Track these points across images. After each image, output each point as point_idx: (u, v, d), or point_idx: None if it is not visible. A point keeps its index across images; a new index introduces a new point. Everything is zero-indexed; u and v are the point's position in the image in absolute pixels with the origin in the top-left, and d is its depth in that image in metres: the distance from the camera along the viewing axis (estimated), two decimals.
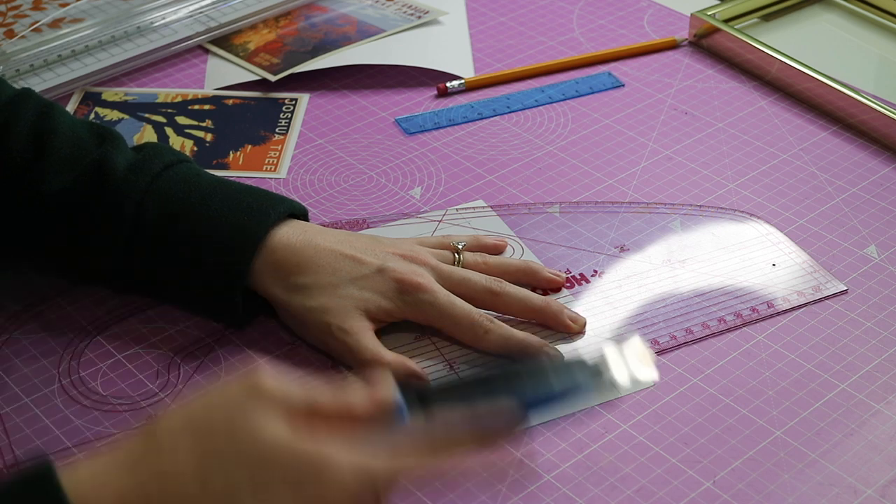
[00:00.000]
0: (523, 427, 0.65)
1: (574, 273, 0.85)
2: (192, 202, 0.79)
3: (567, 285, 0.84)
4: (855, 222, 0.90)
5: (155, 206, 0.79)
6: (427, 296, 0.78)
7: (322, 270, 0.78)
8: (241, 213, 0.79)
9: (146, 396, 0.76)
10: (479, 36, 1.13)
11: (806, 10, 1.17)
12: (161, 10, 1.11)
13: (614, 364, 0.65)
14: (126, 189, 0.78)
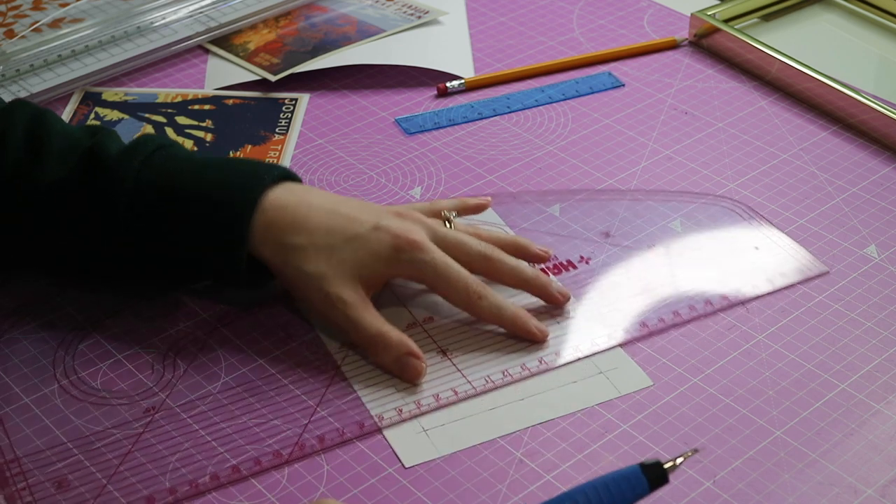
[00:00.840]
0: None
1: (561, 259, 0.86)
2: (187, 173, 0.79)
3: (554, 272, 0.84)
4: (855, 222, 0.90)
5: (150, 180, 0.78)
6: (424, 255, 0.78)
7: (317, 230, 0.78)
8: (237, 177, 0.79)
9: (146, 396, 0.76)
10: (479, 36, 1.13)
11: (806, 10, 1.17)
12: (161, 10, 1.12)
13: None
14: (121, 168, 0.78)
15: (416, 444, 0.73)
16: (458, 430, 0.74)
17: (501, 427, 0.74)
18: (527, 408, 0.75)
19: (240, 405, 0.75)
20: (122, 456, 0.72)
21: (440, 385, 0.76)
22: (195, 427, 0.74)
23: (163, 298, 0.83)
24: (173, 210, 0.78)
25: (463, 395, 0.76)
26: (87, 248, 0.80)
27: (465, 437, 0.73)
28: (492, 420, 0.74)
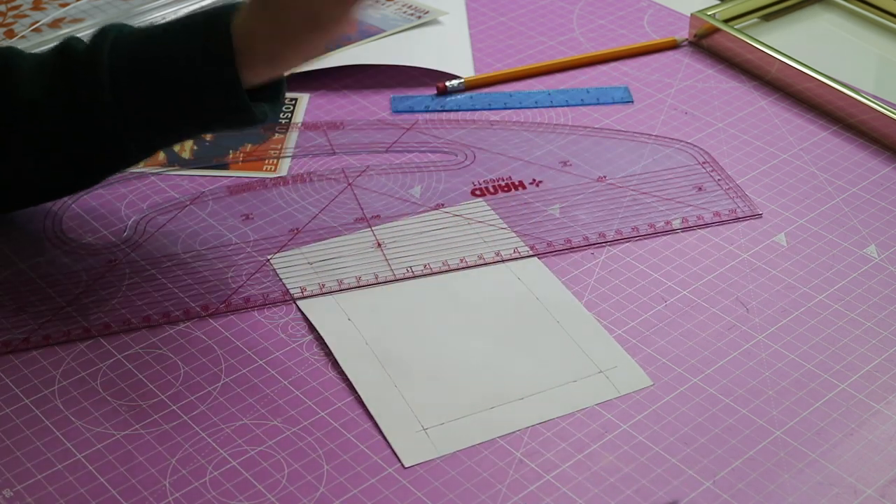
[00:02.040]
0: None
1: (514, 180, 0.93)
2: (155, 36, 0.81)
3: (505, 189, 0.92)
4: (855, 222, 0.90)
5: (123, 53, 0.80)
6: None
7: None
8: (199, 20, 0.80)
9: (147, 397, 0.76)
10: (479, 36, 1.13)
11: (806, 10, 1.17)
12: (161, 10, 1.12)
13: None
14: (92, 52, 0.80)
15: (416, 443, 0.73)
16: (457, 429, 0.74)
17: (501, 426, 0.74)
18: (526, 407, 0.75)
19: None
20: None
21: (364, 270, 0.85)
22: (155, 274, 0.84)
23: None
24: (156, 69, 0.79)
25: (382, 279, 0.84)
26: (83, 130, 0.81)
27: (465, 436, 0.73)
28: (492, 419, 0.74)
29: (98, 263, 0.86)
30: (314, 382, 0.77)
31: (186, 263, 0.86)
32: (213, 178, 0.95)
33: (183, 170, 0.96)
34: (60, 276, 0.84)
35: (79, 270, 0.85)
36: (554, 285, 0.84)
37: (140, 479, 0.71)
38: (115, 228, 0.89)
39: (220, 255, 0.87)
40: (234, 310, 0.82)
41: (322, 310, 0.81)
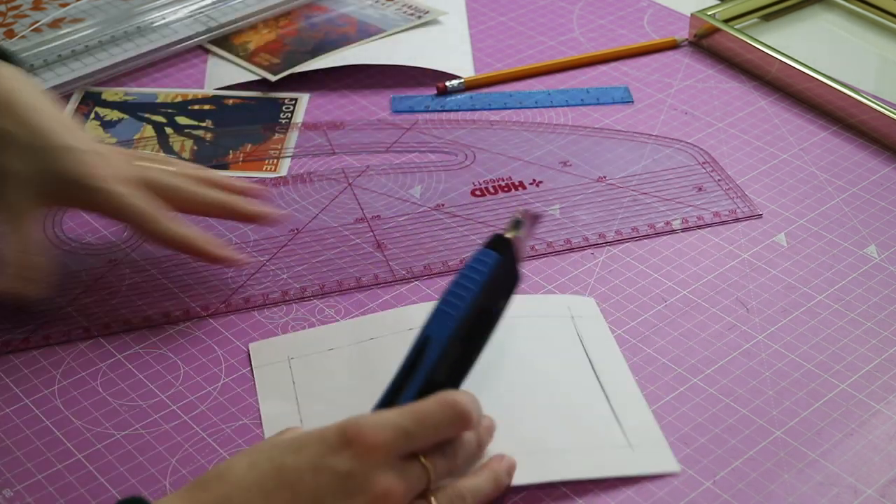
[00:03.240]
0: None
1: (514, 180, 0.93)
2: None
3: (505, 190, 0.92)
4: (855, 222, 0.90)
5: None
6: (101, 184, 0.78)
7: (27, 124, 0.78)
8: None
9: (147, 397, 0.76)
10: (479, 36, 1.13)
11: (806, 10, 1.17)
12: (161, 10, 1.11)
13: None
14: None
15: None
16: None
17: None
18: (536, 462, 0.70)
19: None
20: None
21: (365, 271, 0.85)
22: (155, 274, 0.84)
23: None
24: None
25: (382, 280, 0.84)
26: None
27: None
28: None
29: (98, 263, 0.86)
30: None
31: (186, 263, 0.86)
32: None
33: None
34: (60, 275, 0.84)
35: (79, 270, 0.85)
36: (606, 340, 0.80)
37: (140, 479, 0.71)
38: (114, 228, 0.89)
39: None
40: (234, 310, 0.82)
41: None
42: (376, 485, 0.61)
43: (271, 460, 0.62)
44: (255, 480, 0.61)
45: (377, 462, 0.61)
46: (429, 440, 0.64)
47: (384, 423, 0.62)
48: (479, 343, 0.69)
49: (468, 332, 0.68)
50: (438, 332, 0.67)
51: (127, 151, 0.84)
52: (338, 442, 0.61)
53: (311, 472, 0.61)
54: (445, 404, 0.64)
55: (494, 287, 0.69)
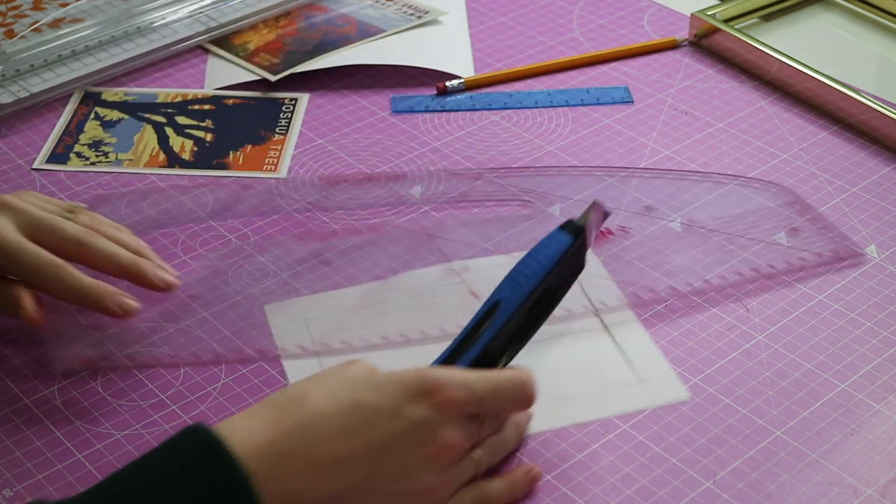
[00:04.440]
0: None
1: (601, 228, 0.87)
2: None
3: (598, 237, 0.87)
4: (855, 222, 0.90)
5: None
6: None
7: None
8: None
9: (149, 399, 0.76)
10: (479, 36, 1.13)
11: (806, 10, 1.17)
12: (161, 10, 1.11)
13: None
14: None
15: None
16: None
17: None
18: (552, 410, 0.74)
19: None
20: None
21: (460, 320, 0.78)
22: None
23: None
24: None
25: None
26: None
27: None
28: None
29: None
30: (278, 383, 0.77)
31: (187, 264, 0.86)
32: (214, 179, 0.95)
33: (183, 170, 0.96)
34: None
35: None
36: (604, 280, 0.83)
37: None
38: None
39: (220, 254, 0.86)
40: (234, 310, 0.82)
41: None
42: (444, 437, 0.65)
43: (352, 393, 0.64)
44: (336, 411, 0.63)
45: (449, 416, 0.65)
46: (494, 408, 0.69)
47: (462, 383, 0.65)
48: (538, 320, 0.72)
49: (533, 305, 0.71)
50: (509, 298, 0.70)
51: (12, 197, 0.80)
52: (417, 391, 0.64)
53: (388, 415, 0.63)
54: (518, 383, 0.68)
55: (563, 268, 0.72)
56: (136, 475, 0.60)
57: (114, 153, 0.98)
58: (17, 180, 0.95)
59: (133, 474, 0.60)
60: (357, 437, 0.63)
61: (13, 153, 0.98)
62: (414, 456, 0.64)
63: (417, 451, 0.64)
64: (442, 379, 0.65)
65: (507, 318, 0.70)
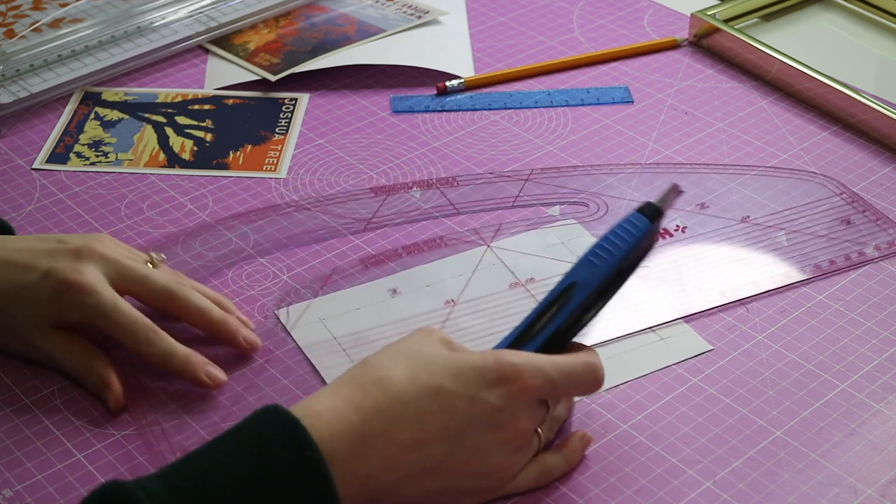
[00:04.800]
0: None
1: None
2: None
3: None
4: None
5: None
6: (88, 298, 0.74)
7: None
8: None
9: None
10: (479, 36, 1.13)
11: (806, 10, 1.17)
12: (161, 10, 1.11)
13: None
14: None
15: None
16: None
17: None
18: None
19: None
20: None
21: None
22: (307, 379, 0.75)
23: None
24: None
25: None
26: None
27: None
28: None
29: None
30: (315, 382, 0.77)
31: (186, 263, 0.86)
32: (213, 178, 0.95)
33: (183, 170, 0.96)
34: None
35: None
36: None
37: None
38: (115, 228, 0.89)
39: (219, 254, 0.86)
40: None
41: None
42: (518, 423, 0.67)
43: (431, 377, 0.65)
44: (414, 396, 0.65)
45: (525, 403, 0.67)
46: (565, 394, 0.72)
47: (539, 370, 0.67)
48: (604, 302, 0.72)
49: (605, 288, 0.71)
50: (586, 280, 0.70)
51: (101, 244, 0.78)
52: (495, 377, 0.66)
53: (466, 401, 0.65)
54: (590, 368, 0.69)
55: (637, 251, 0.72)
56: (216, 453, 0.61)
57: (114, 153, 0.98)
58: (17, 180, 0.95)
59: (213, 452, 0.62)
60: (435, 423, 0.65)
61: (13, 153, 0.98)
62: (489, 439, 0.66)
63: (492, 435, 0.66)
64: (519, 366, 0.66)
65: (582, 300, 0.70)
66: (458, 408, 0.65)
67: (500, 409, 0.66)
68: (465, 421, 0.65)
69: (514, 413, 0.66)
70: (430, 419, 0.65)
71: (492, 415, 0.66)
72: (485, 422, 0.66)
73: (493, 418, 0.66)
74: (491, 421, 0.66)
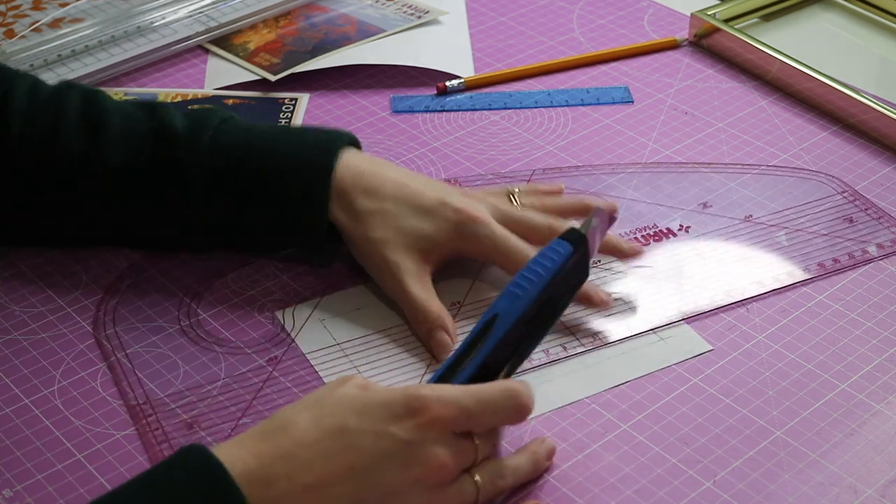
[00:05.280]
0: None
1: (661, 227, 0.88)
2: (257, 145, 0.81)
3: (655, 239, 0.87)
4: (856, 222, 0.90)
5: (222, 154, 0.80)
6: (484, 228, 0.80)
7: (387, 199, 0.80)
8: (307, 146, 0.81)
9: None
10: (479, 36, 1.13)
11: (806, 10, 1.17)
12: (161, 10, 1.11)
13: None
14: (190, 145, 0.80)
15: None
16: None
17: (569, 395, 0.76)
18: (588, 378, 0.77)
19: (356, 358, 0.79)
20: (244, 409, 0.75)
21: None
22: (312, 382, 0.77)
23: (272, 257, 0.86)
24: (250, 184, 0.80)
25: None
26: (165, 228, 0.82)
27: None
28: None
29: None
30: (315, 382, 0.77)
31: (186, 263, 0.86)
32: None
33: None
34: (58, 275, 0.84)
35: (79, 271, 0.85)
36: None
37: None
38: None
39: (218, 255, 0.86)
40: (233, 310, 0.82)
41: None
42: (433, 457, 0.64)
43: (334, 417, 0.63)
44: (317, 439, 0.63)
45: (436, 435, 0.64)
46: (486, 423, 0.67)
47: (449, 399, 0.64)
48: (540, 332, 0.72)
49: (533, 317, 0.70)
50: (507, 311, 0.69)
51: (478, 193, 0.85)
52: (402, 410, 0.64)
53: (372, 437, 0.63)
54: (508, 393, 0.67)
55: (564, 278, 0.72)
56: (136, 495, 0.61)
57: None
58: None
59: (133, 493, 0.61)
60: (341, 462, 0.62)
61: None
62: (401, 477, 0.63)
63: (405, 472, 0.63)
64: (426, 397, 0.64)
65: (505, 331, 0.69)
66: (363, 445, 0.63)
67: (408, 443, 0.63)
68: (372, 458, 0.63)
69: (426, 447, 0.63)
70: (336, 459, 0.62)
71: (401, 450, 0.63)
72: (394, 458, 0.63)
73: (402, 454, 0.63)
74: (401, 457, 0.63)
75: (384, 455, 0.63)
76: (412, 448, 0.63)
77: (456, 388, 0.66)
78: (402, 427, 0.63)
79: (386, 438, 0.63)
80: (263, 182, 0.80)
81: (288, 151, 0.81)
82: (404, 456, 0.63)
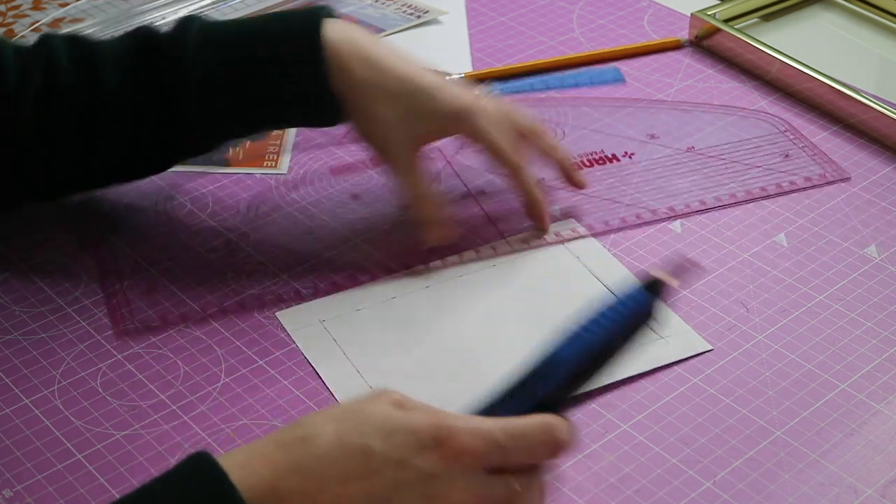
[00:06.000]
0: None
1: (606, 153, 0.95)
2: (245, 33, 0.83)
3: (600, 163, 0.95)
4: (855, 222, 0.90)
5: (212, 46, 0.82)
6: (480, 121, 0.84)
7: (389, 73, 0.82)
8: (295, 21, 0.83)
9: None
10: (479, 36, 1.13)
11: (806, 10, 1.17)
12: (161, 10, 1.12)
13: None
14: (179, 48, 0.81)
15: None
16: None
17: None
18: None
19: None
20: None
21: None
22: (311, 382, 0.76)
23: None
24: (246, 66, 0.82)
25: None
26: (168, 128, 0.83)
27: None
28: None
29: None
30: (314, 383, 0.77)
31: (186, 263, 0.86)
32: (214, 177, 0.95)
33: (182, 167, 0.95)
34: (57, 275, 0.84)
35: (79, 271, 0.85)
36: (600, 252, 0.87)
37: (140, 479, 0.70)
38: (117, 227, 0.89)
39: (218, 255, 0.86)
40: (233, 310, 0.82)
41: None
42: (453, 493, 0.59)
43: (361, 437, 0.59)
44: (338, 458, 0.59)
45: (462, 470, 0.59)
46: (520, 460, 0.61)
47: (478, 431, 0.60)
48: (596, 373, 0.66)
49: (595, 361, 0.65)
50: (573, 358, 0.63)
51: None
52: (429, 440, 0.59)
53: (394, 465, 0.59)
54: (546, 429, 0.62)
55: (634, 323, 0.66)
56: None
57: None
58: None
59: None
60: (359, 487, 0.58)
61: None
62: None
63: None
64: (455, 427, 0.59)
65: (565, 376, 0.63)
66: (384, 473, 0.58)
67: (431, 477, 0.59)
68: (391, 486, 0.58)
69: (448, 481, 0.59)
70: (354, 484, 0.58)
71: (422, 482, 0.59)
72: (414, 489, 0.59)
73: (423, 486, 0.59)
74: (421, 489, 0.59)
75: (404, 486, 0.59)
76: (434, 482, 0.59)
77: (489, 420, 0.61)
78: (426, 459, 0.59)
79: (408, 469, 0.59)
80: (262, 62, 0.82)
81: (277, 31, 0.82)
82: (424, 488, 0.59)
